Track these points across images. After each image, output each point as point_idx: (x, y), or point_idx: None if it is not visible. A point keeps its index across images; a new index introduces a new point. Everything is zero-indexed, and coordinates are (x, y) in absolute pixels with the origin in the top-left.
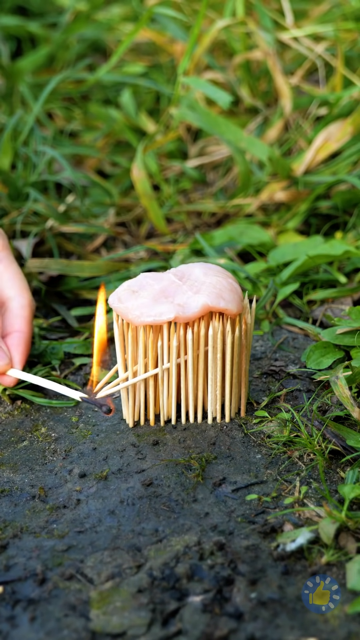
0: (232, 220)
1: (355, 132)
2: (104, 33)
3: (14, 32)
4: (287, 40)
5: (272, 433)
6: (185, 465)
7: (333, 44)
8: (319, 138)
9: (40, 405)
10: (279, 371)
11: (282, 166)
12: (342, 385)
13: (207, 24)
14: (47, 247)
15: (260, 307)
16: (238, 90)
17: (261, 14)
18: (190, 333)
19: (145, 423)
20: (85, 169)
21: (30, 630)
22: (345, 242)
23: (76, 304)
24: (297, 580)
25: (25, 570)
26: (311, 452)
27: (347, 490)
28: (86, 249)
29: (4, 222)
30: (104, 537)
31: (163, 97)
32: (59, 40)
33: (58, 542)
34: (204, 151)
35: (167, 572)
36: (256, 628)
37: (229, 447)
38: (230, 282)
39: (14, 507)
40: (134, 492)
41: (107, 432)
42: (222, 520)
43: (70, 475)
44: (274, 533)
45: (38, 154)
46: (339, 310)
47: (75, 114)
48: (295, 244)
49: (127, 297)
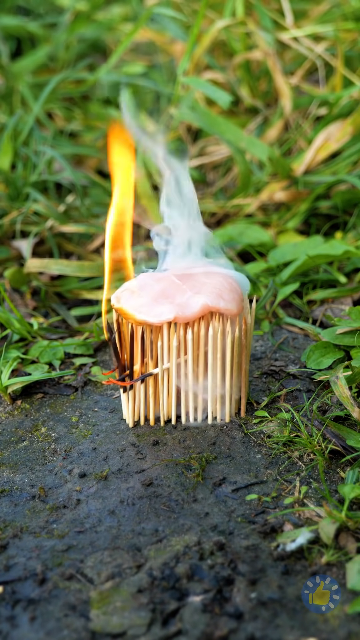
0: (232, 220)
1: (355, 132)
2: (104, 33)
3: (14, 32)
4: (287, 40)
5: (272, 433)
6: (185, 465)
7: (333, 44)
8: (319, 138)
9: (41, 405)
10: (279, 371)
11: (282, 166)
12: (342, 385)
13: (207, 24)
14: (47, 247)
15: (260, 307)
16: (238, 90)
17: (261, 14)
18: (190, 333)
19: (145, 423)
20: (85, 169)
21: (30, 630)
22: (345, 242)
23: (76, 304)
24: (297, 580)
25: (25, 570)
26: (311, 452)
27: (347, 490)
28: (86, 249)
29: (4, 222)
30: (104, 537)
31: (163, 97)
32: (59, 40)
33: (58, 542)
34: (204, 151)
35: (167, 572)
36: (256, 628)
37: (229, 447)
38: (230, 283)
39: (14, 507)
40: (134, 492)
41: (107, 432)
42: (222, 520)
43: (70, 475)
44: (274, 533)
45: (38, 154)
46: (339, 310)
47: (75, 114)
48: (295, 244)
49: (127, 297)
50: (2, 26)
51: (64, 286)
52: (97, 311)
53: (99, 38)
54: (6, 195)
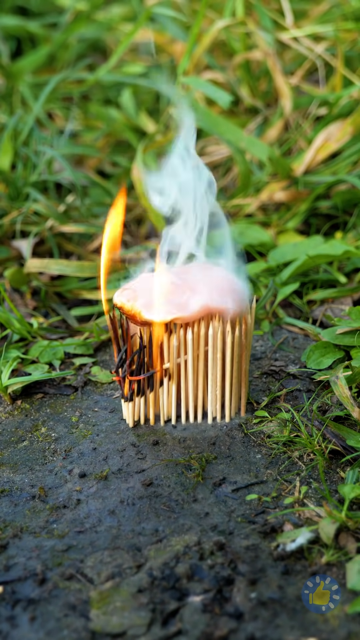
0: (232, 220)
1: (355, 132)
2: (104, 33)
3: (14, 32)
4: (287, 40)
5: (272, 433)
6: (185, 465)
7: (333, 44)
8: (319, 138)
9: (41, 405)
10: (279, 371)
11: (282, 166)
12: (342, 385)
13: (207, 24)
14: (47, 247)
15: (260, 307)
16: (238, 90)
17: (261, 14)
18: (190, 333)
19: (145, 423)
20: (85, 169)
21: (30, 630)
22: (345, 242)
23: (76, 304)
24: (297, 580)
25: (25, 570)
26: (311, 452)
27: (347, 490)
28: (86, 249)
29: (4, 222)
30: (104, 537)
31: (163, 97)
32: (59, 40)
33: (58, 542)
34: (204, 151)
35: (167, 572)
36: (256, 628)
37: (229, 447)
38: (230, 283)
39: (14, 507)
40: (134, 492)
41: (107, 432)
42: (222, 520)
43: (70, 475)
44: (274, 533)
45: (38, 154)
46: (339, 310)
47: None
48: (295, 244)
49: (127, 297)
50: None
51: (64, 286)
52: (97, 311)
53: (99, 38)
54: (6, 195)
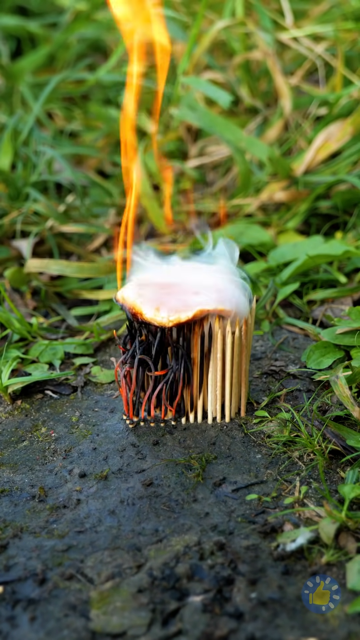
0: (232, 220)
1: (355, 132)
2: (104, 33)
3: (14, 32)
4: (286, 41)
5: (272, 433)
6: (186, 465)
7: (333, 44)
8: (319, 138)
9: (41, 405)
10: (279, 371)
11: (282, 166)
12: (342, 385)
13: (207, 24)
14: (47, 247)
15: (260, 307)
16: (238, 90)
17: (261, 14)
18: (190, 333)
19: (145, 423)
20: (85, 169)
21: (30, 630)
22: (345, 242)
23: (76, 304)
24: (297, 580)
25: (25, 570)
26: (311, 452)
27: (347, 490)
28: (86, 249)
29: (4, 222)
30: (104, 537)
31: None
32: (59, 40)
33: (58, 542)
34: (204, 151)
35: (167, 572)
36: (256, 628)
37: (229, 447)
38: (230, 283)
39: (14, 507)
40: (134, 492)
41: (107, 432)
42: (222, 520)
43: (70, 475)
44: (274, 533)
45: (38, 154)
46: (339, 310)
47: (75, 114)
48: (295, 244)
49: (128, 296)
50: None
51: (64, 286)
52: (97, 311)
53: (99, 38)
54: (6, 195)
